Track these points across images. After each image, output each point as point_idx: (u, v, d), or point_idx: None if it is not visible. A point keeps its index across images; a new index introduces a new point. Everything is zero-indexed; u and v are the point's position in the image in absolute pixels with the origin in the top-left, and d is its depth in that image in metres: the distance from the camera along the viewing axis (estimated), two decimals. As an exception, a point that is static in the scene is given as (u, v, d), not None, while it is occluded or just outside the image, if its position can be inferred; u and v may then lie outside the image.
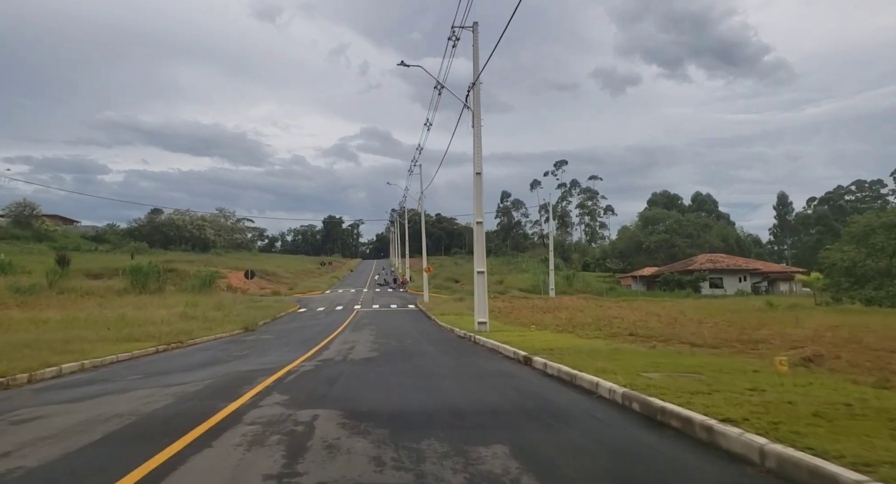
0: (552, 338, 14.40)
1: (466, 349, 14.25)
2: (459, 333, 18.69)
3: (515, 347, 12.14)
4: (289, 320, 29.04)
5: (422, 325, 24.69)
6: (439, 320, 25.18)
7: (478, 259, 17.85)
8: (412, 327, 23.01)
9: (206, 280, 39.94)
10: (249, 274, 25.98)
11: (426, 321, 26.82)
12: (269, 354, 13.85)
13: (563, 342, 12.92)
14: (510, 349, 11.95)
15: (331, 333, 19.95)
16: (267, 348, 15.53)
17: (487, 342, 14.49)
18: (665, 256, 66.96)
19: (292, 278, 60.90)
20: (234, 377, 9.19)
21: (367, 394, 7.43)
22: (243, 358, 12.94)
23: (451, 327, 21.22)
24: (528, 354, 10.68)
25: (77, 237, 77.89)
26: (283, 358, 12.36)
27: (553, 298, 42.46)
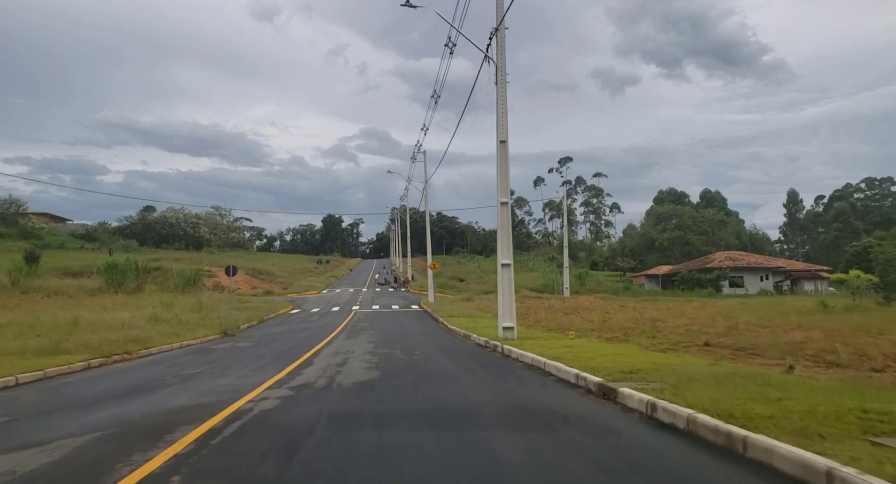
0: (610, 350, 10.71)
1: (496, 365, 10.58)
2: (478, 340, 15.02)
3: (569, 364, 8.50)
4: (277, 323, 25.38)
5: (429, 329, 21.01)
6: (449, 323, 21.51)
7: (503, 248, 14.18)
8: (419, 332, 19.34)
9: (191, 279, 36.33)
10: (231, 270, 22.31)
11: (434, 325, 23.14)
12: (229, 372, 10.18)
13: (633, 358, 9.24)
14: (566, 369, 8.29)
15: (321, 341, 16.30)
16: (233, 363, 11.86)
17: (523, 355, 10.83)
18: (679, 253, 63.22)
19: (287, 277, 57.20)
20: (130, 432, 5.49)
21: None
22: (191, 380, 9.26)
23: (465, 332, 17.56)
24: (604, 379, 7.02)
25: (65, 235, 74.26)
26: (244, 381, 8.70)
27: (569, 298, 38.78)
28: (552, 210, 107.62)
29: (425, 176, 32.71)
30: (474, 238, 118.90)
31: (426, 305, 32.98)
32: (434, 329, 21.00)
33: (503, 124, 13.97)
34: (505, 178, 14.07)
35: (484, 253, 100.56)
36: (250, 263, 59.44)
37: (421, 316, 27.91)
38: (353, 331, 19.96)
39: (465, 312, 26.15)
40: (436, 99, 26.66)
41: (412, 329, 20.78)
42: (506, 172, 14.09)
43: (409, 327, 21.63)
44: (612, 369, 7.74)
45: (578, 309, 29.64)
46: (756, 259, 54.81)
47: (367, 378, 8.81)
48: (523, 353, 10.88)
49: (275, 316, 29.03)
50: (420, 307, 33.55)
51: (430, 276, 35.03)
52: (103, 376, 10.24)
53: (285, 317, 28.99)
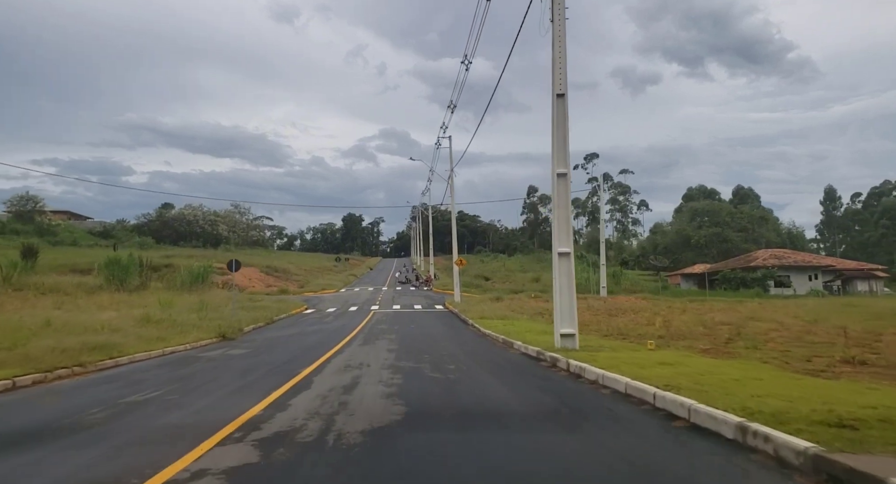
0: (737, 373, 7.40)
1: (571, 393, 7.36)
2: (526, 349, 11.82)
3: (707, 401, 5.28)
4: (286, 325, 22.46)
5: (460, 334, 17.84)
6: (482, 327, 18.33)
7: (560, 232, 10.94)
8: (448, 338, 16.20)
9: (199, 276, 33.64)
10: (234, 265, 19.44)
11: (463, 328, 19.96)
12: (192, 400, 7.14)
13: (809, 391, 5.92)
14: (709, 411, 5.02)
15: (331, 348, 13.27)
16: (209, 381, 8.84)
17: (606, 377, 7.59)
18: (716, 252, 59.06)
19: (304, 276, 54.47)
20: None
21: None
22: (119, 417, 6.20)
23: (504, 338, 14.39)
24: (823, 449, 3.76)
25: (82, 232, 72.77)
26: (201, 419, 5.66)
27: (607, 298, 35.28)
28: (577, 208, 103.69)
29: (451, 162, 29.66)
30: (496, 237, 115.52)
31: (452, 305, 29.84)
32: (465, 334, 17.83)
33: (561, 73, 10.73)
34: (563, 142, 10.83)
35: (507, 252, 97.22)
36: (266, 260, 56.88)
37: (447, 318, 24.76)
38: (370, 335, 16.89)
39: (498, 314, 22.94)
40: (453, 104, 23.68)
41: (439, 333, 17.65)
42: (564, 135, 10.84)
43: (436, 331, 18.51)
44: (800, 416, 4.48)
45: (623, 310, 26.25)
46: (803, 257, 50.57)
47: (385, 420, 5.64)
48: (605, 373, 7.65)
49: (286, 316, 26.15)
50: (445, 307, 30.42)
51: (455, 273, 31.81)
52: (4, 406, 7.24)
53: (297, 317, 26.08)
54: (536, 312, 26.04)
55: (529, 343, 12.05)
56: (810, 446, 3.79)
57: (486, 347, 13.62)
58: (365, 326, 20.09)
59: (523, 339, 13.32)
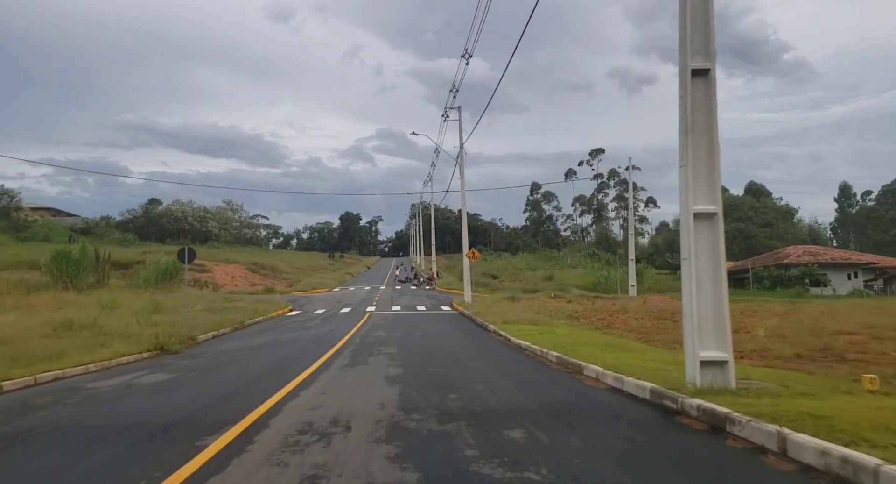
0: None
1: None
2: (622, 384, 6.94)
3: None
4: (258, 331, 17.59)
5: (485, 346, 12.93)
6: (510, 335, 13.46)
7: (697, 175, 6.04)
8: (472, 353, 11.31)
9: (167, 272, 28.72)
10: (185, 254, 14.57)
11: (485, 336, 15.05)
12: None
13: None
14: None
15: (300, 372, 8.44)
16: (11, 468, 3.93)
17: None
18: (738, 248, 54.23)
19: (295, 274, 49.49)
20: None
21: None
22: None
23: (558, 355, 9.59)
24: None
25: (62, 229, 67.73)
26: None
27: (637, 298, 30.40)
28: (583, 205, 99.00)
29: (460, 138, 24.73)
30: (497, 236, 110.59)
31: (461, 305, 24.97)
32: (491, 345, 12.93)
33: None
34: (703, 12, 5.96)
35: (509, 251, 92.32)
36: (254, 257, 51.83)
37: (459, 322, 19.89)
38: (361, 348, 12.01)
39: (523, 317, 18.04)
40: (468, 54, 19.02)
41: (457, 345, 12.78)
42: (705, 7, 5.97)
43: (451, 341, 13.64)
44: None
45: (672, 312, 21.43)
46: (840, 254, 45.79)
47: None
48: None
49: (262, 320, 21.27)
50: (454, 309, 25.57)
51: (466, 267, 26.77)
52: None
53: (276, 321, 21.20)
54: (566, 314, 21.21)
55: (621, 372, 7.20)
56: None
57: (536, 372, 8.74)
58: (356, 334, 15.22)
59: (595, 359, 8.48)
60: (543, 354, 10.39)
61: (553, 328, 14.73)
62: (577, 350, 9.80)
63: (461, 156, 24.75)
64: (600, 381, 7.50)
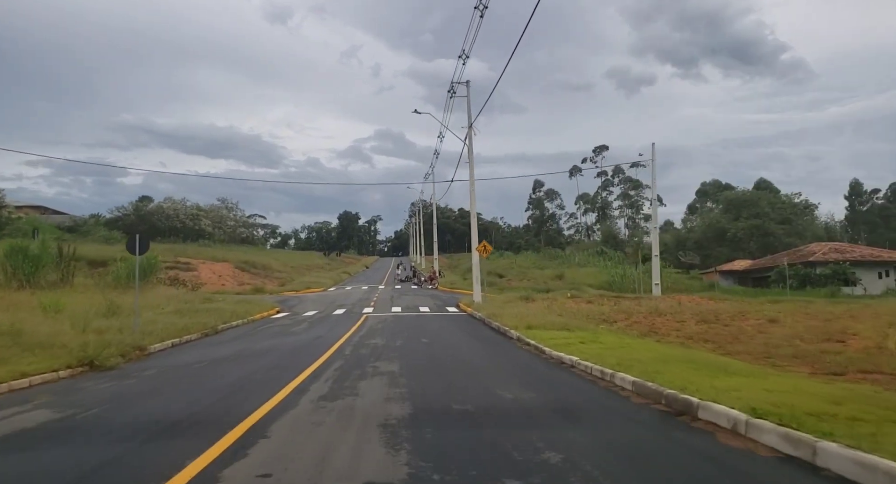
0: None
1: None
2: (817, 456, 3.75)
3: None
4: (232, 338, 14.48)
5: (515, 360, 9.80)
6: (544, 346, 10.31)
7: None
8: (502, 373, 8.21)
9: (142, 269, 25.46)
10: (136, 243, 11.35)
11: (511, 347, 11.87)
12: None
13: None
14: None
15: (250, 412, 5.20)
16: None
17: None
18: (755, 246, 51.08)
19: (288, 273, 46.30)
20: None
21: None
22: None
23: (633, 379, 6.43)
24: None
25: (49, 227, 64.52)
26: None
27: (662, 298, 27.23)
28: (587, 203, 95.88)
29: (469, 116, 21.50)
30: (499, 235, 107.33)
31: (470, 306, 21.85)
32: (521, 359, 9.81)
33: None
34: None
35: (511, 250, 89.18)
36: (246, 256, 48.61)
37: (471, 325, 16.77)
38: (352, 364, 8.88)
39: (548, 321, 14.87)
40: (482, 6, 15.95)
41: (476, 359, 9.67)
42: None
43: (467, 353, 10.51)
44: None
45: (717, 314, 18.33)
46: (870, 251, 42.66)
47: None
48: None
49: (241, 324, 18.15)
50: (461, 310, 22.47)
51: (475, 262, 23.49)
52: None
53: (258, 325, 18.09)
54: (594, 316, 18.09)
55: (805, 429, 4.04)
56: None
57: (623, 418, 5.58)
58: (348, 343, 12.07)
59: (698, 388, 5.35)
60: (606, 377, 7.26)
61: (596, 335, 11.59)
62: (657, 371, 6.70)
63: (470, 137, 21.64)
64: (748, 437, 4.36)
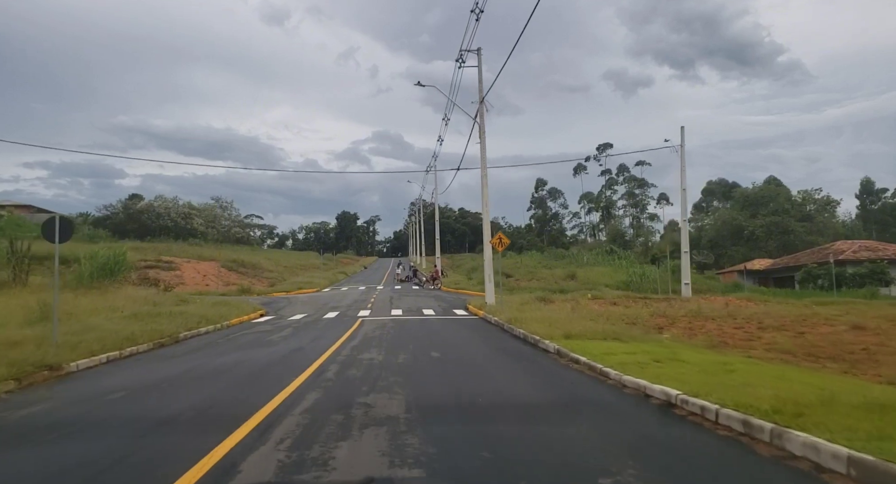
0: None
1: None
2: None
3: None
4: (192, 349, 11.43)
5: (571, 389, 6.66)
6: (602, 365, 7.20)
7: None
8: (578, 429, 5.02)
9: (109, 268, 22.43)
10: (53, 229, 8.13)
11: (555, 367, 8.74)
12: None
13: None
14: None
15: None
16: None
17: None
18: (777, 244, 48.03)
19: (280, 273, 43.17)
20: None
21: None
22: None
23: (850, 453, 3.22)
24: None
25: (32, 225, 61.36)
26: None
27: (698, 299, 24.14)
28: (590, 202, 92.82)
29: (480, 91, 18.24)
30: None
31: (482, 309, 18.79)
32: (580, 386, 6.72)
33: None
34: None
35: (513, 250, 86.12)
36: (237, 255, 45.45)
37: (490, 333, 13.69)
38: (332, 397, 5.75)
39: (588, 328, 11.82)
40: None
41: (513, 385, 6.63)
42: None
43: (501, 378, 7.44)
44: None
45: (779, 322, 15.30)
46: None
47: None
48: None
49: (212, 329, 15.08)
50: (471, 312, 19.44)
51: (487, 258, 20.31)
52: None
53: (231, 331, 15.01)
54: (630, 320, 15.04)
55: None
56: None
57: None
58: (334, 358, 8.96)
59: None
60: (771, 438, 4.17)
61: (668, 350, 8.53)
62: (870, 432, 3.62)
63: (481, 113, 18.49)
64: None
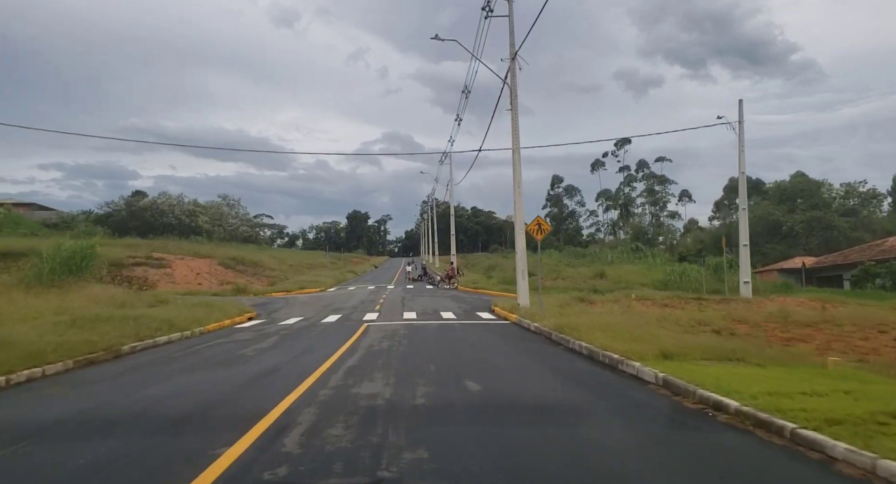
0: None
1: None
2: None
3: None
4: (124, 370, 8.02)
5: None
6: (844, 443, 3.60)
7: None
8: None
9: (73, 263, 19.18)
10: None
11: (680, 416, 5.11)
12: None
13: None
14: None
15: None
16: None
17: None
18: (818, 241, 43.96)
19: (283, 271, 39.92)
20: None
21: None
22: None
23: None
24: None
25: (32, 223, 58.80)
26: None
27: (763, 301, 20.38)
28: (608, 200, 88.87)
29: (511, 46, 14.64)
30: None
31: (514, 312, 15.26)
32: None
33: None
34: None
35: (529, 248, 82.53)
36: (238, 252, 42.24)
37: (537, 347, 10.21)
38: None
39: (684, 343, 8.22)
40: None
41: (636, 469, 2.94)
42: None
43: (606, 458, 3.81)
44: None
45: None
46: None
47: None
48: None
49: (177, 338, 11.73)
50: (498, 316, 15.95)
51: (520, 251, 16.59)
52: None
53: (202, 340, 11.64)
54: (702, 325, 11.49)
55: None
56: None
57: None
58: (315, 392, 5.41)
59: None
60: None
61: (838, 380, 4.95)
62: None
63: (513, 71, 14.90)
64: None
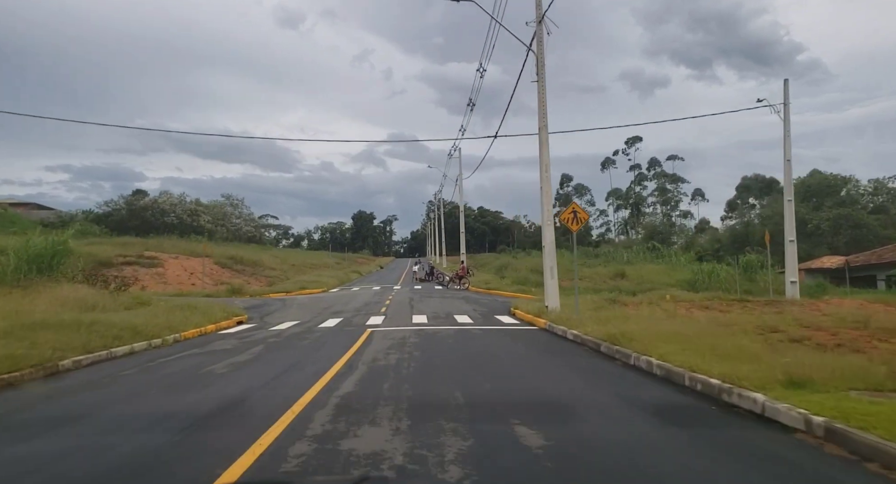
0: None
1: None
2: None
3: None
4: (38, 399, 5.74)
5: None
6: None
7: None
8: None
9: (44, 260, 17.10)
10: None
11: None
12: None
13: None
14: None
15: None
16: None
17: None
18: (846, 240, 41.47)
19: (284, 271, 37.90)
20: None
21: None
22: None
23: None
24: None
25: (30, 222, 57.08)
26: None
27: (816, 303, 18.03)
28: (619, 199, 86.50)
29: (538, 7, 12.57)
30: (521, 235, 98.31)
31: (541, 315, 13.05)
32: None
33: None
34: None
35: (537, 249, 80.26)
36: (237, 251, 40.19)
37: (587, 363, 8.03)
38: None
39: (806, 363, 5.96)
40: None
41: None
42: None
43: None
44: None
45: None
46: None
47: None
48: None
49: (141, 349, 9.57)
50: (521, 319, 13.73)
51: (549, 244, 14.03)
52: None
53: (168, 352, 9.50)
54: (774, 332, 9.29)
55: None
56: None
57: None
58: (282, 447, 3.21)
59: None
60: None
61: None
62: None
63: (541, 36, 12.69)
64: None
